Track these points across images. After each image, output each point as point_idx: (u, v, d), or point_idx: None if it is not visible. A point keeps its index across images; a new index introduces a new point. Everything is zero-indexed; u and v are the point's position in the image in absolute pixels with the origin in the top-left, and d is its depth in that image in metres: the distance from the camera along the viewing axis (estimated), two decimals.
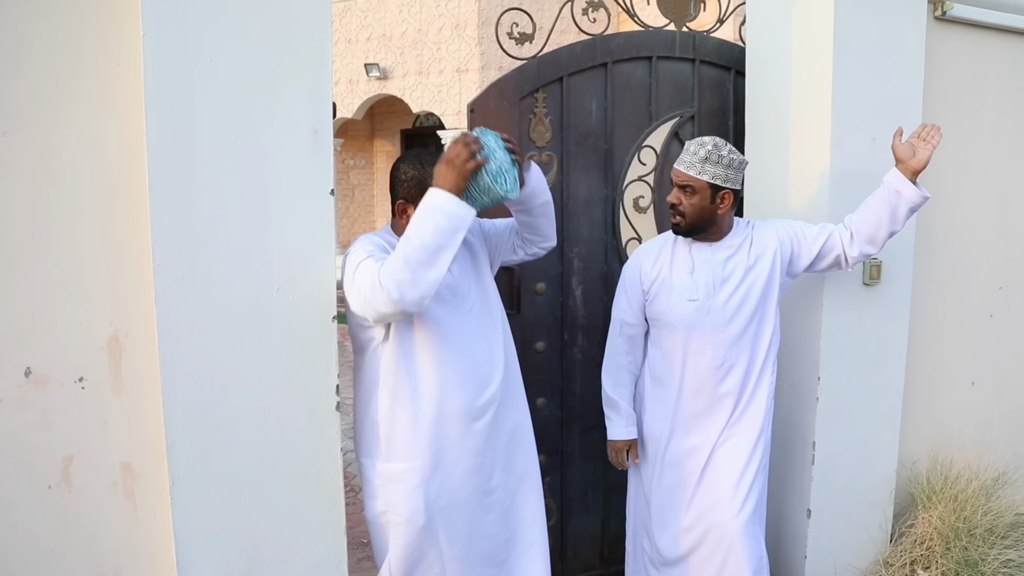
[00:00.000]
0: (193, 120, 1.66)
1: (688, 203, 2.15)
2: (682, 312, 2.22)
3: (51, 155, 1.66)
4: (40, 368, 1.69)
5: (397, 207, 1.95)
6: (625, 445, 2.38)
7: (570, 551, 2.87)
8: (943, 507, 2.56)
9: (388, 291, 1.70)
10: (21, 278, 1.66)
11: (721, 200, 2.16)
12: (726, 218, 2.22)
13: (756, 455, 2.23)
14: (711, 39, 2.82)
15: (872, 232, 2.19)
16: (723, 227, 2.23)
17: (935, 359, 2.81)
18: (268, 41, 1.71)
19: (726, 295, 2.20)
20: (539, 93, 2.64)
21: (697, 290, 2.21)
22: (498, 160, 1.79)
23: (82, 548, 1.76)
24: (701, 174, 2.13)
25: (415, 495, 1.90)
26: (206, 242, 1.70)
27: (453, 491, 1.95)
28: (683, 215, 2.18)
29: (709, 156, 2.12)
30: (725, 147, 2.14)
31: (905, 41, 2.47)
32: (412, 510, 1.91)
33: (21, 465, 1.69)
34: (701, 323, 2.20)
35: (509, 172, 1.81)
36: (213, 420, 1.74)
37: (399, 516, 1.92)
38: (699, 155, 2.13)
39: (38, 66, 1.64)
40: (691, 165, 2.14)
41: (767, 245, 2.23)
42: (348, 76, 12.42)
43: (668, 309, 2.24)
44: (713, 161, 2.12)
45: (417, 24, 11.88)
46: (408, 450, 1.91)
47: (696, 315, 2.20)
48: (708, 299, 2.20)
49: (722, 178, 2.13)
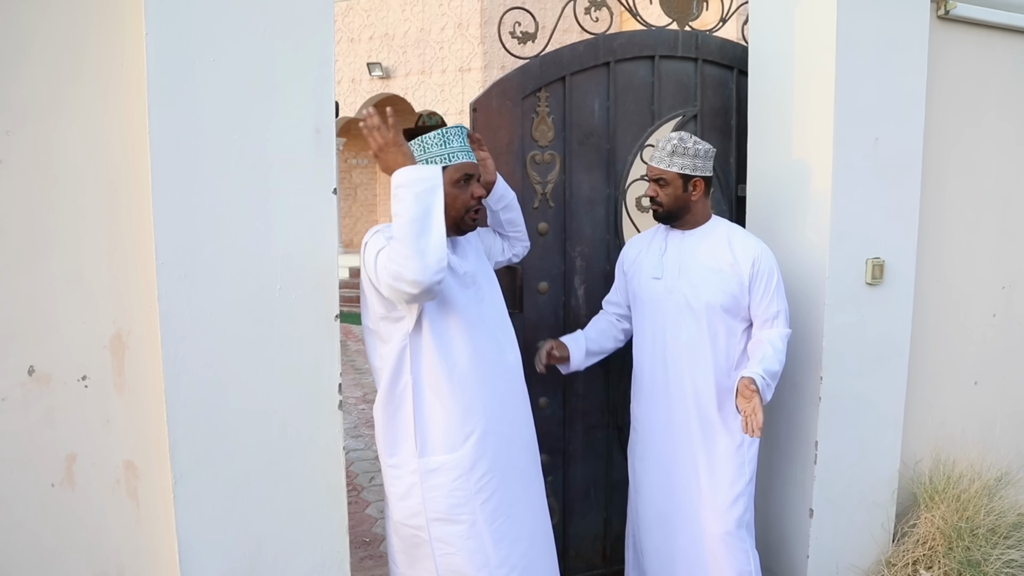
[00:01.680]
0: (196, 119, 1.67)
1: (663, 194, 2.33)
2: (649, 290, 2.39)
3: (54, 154, 1.67)
4: (43, 367, 1.69)
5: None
6: (549, 344, 2.50)
7: (572, 550, 2.87)
8: (946, 507, 2.55)
9: (401, 273, 1.71)
10: (24, 277, 1.66)
11: (693, 188, 2.31)
12: (699, 205, 2.35)
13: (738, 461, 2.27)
14: (714, 38, 2.82)
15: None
16: (698, 215, 2.36)
17: (938, 358, 2.81)
18: (270, 40, 1.72)
19: (691, 278, 2.30)
20: (542, 92, 2.64)
21: (663, 270, 2.36)
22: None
23: (85, 546, 1.76)
24: (671, 166, 2.29)
25: (456, 487, 1.89)
26: (209, 241, 1.70)
27: (495, 482, 1.93)
28: (661, 204, 2.34)
29: (676, 149, 2.28)
30: (690, 139, 2.30)
31: (908, 40, 2.46)
32: (452, 504, 1.88)
33: (24, 463, 1.70)
34: (664, 301, 2.34)
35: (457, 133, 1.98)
36: (215, 419, 1.74)
37: (436, 513, 1.89)
38: (667, 149, 2.29)
39: (41, 65, 1.64)
40: (661, 159, 2.31)
41: (741, 260, 2.26)
42: (351, 75, 12.43)
43: (638, 286, 2.43)
44: (680, 153, 2.28)
45: (420, 23, 11.89)
46: (447, 442, 1.89)
47: (660, 293, 2.35)
48: (673, 280, 2.34)
49: (691, 167, 2.28)
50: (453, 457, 1.88)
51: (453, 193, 1.95)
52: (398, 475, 1.93)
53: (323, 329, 1.83)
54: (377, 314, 1.90)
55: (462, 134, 2.00)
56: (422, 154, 1.96)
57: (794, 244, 2.54)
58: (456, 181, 1.95)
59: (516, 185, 2.61)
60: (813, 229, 2.46)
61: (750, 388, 2.07)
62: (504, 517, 1.93)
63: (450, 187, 1.94)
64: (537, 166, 2.66)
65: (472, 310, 1.96)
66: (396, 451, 1.93)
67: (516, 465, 2.00)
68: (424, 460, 1.89)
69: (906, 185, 2.52)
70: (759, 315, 2.27)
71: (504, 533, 1.93)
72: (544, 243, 2.71)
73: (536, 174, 2.66)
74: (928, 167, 2.63)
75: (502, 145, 2.59)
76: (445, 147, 1.95)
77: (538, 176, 2.67)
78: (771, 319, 2.26)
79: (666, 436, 2.36)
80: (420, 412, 1.90)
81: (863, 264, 2.47)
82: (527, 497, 2.03)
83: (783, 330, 2.26)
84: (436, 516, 1.90)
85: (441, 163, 1.93)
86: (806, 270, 2.49)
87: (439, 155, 1.95)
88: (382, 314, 1.89)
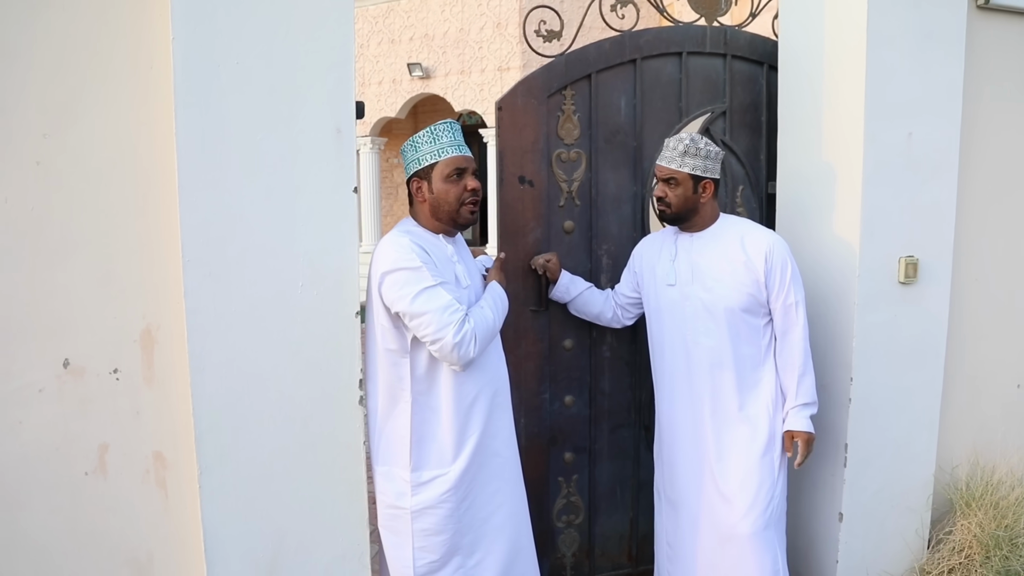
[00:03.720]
0: (220, 120, 1.71)
1: (673, 194, 2.29)
2: (665, 297, 2.37)
3: (88, 155, 1.73)
4: (78, 359, 1.76)
5: (412, 186, 2.05)
6: (545, 258, 2.55)
7: (598, 549, 2.86)
8: (983, 514, 2.47)
9: (449, 355, 1.90)
10: (60, 273, 1.73)
11: (703, 189, 2.28)
12: (708, 207, 2.33)
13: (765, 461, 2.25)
14: (743, 33, 2.78)
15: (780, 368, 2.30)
16: (706, 216, 2.34)
17: (977, 360, 2.72)
18: (292, 43, 1.75)
19: (705, 282, 2.28)
20: (567, 90, 2.64)
21: (676, 276, 2.34)
22: None
23: (117, 533, 1.83)
24: (682, 167, 2.26)
25: (445, 499, 1.98)
26: (233, 239, 1.75)
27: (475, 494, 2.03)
28: (669, 205, 2.31)
29: (687, 150, 2.26)
30: (701, 140, 2.28)
31: (944, 31, 2.39)
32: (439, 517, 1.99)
33: (60, 452, 1.77)
34: (681, 307, 2.32)
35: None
36: (240, 412, 1.79)
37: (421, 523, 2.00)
38: (678, 150, 2.27)
39: (76, 70, 1.71)
40: (672, 160, 2.28)
41: (754, 257, 2.24)
42: (392, 76, 12.55)
43: (652, 293, 2.43)
44: (692, 154, 2.25)
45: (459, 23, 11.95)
46: (440, 458, 1.99)
47: (676, 300, 2.34)
48: (687, 285, 2.31)
49: (701, 168, 2.26)
50: (444, 471, 1.99)
51: (445, 188, 2.01)
52: (390, 479, 2.02)
53: (343, 326, 1.86)
54: (380, 322, 1.98)
55: (452, 129, 2.04)
56: (414, 152, 2.04)
57: (824, 242, 2.49)
58: (447, 176, 2.01)
59: (542, 183, 2.62)
60: (843, 227, 2.41)
61: (809, 444, 2.25)
62: (484, 521, 2.03)
63: (442, 182, 2.00)
64: (563, 164, 2.66)
65: None
66: (388, 461, 2.02)
67: (499, 475, 2.07)
68: (416, 474, 1.98)
69: (942, 181, 2.45)
70: (778, 307, 2.25)
71: (482, 536, 2.03)
72: (570, 241, 2.71)
73: (562, 172, 2.66)
74: (966, 162, 2.55)
75: (527, 143, 2.60)
76: (435, 143, 2.01)
77: (564, 174, 2.67)
78: (791, 308, 2.24)
79: (690, 438, 2.34)
80: (413, 435, 1.98)
81: (896, 262, 2.41)
82: (514, 503, 2.11)
83: (801, 332, 2.24)
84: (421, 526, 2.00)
85: (432, 159, 2.01)
86: (836, 269, 2.44)
87: (429, 152, 2.02)
88: (388, 325, 1.96)
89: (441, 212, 2.02)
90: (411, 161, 2.04)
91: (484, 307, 1.98)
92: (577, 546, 2.83)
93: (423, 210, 2.05)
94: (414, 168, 2.04)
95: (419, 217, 2.08)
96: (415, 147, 2.03)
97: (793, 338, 2.25)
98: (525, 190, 2.62)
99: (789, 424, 2.25)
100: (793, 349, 2.25)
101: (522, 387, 2.66)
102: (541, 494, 2.73)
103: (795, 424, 2.24)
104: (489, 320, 1.96)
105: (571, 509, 2.81)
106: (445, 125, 2.02)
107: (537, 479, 2.71)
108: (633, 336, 2.79)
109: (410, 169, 2.05)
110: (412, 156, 2.03)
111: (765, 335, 2.29)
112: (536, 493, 2.71)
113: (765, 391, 2.28)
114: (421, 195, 2.04)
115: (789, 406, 2.26)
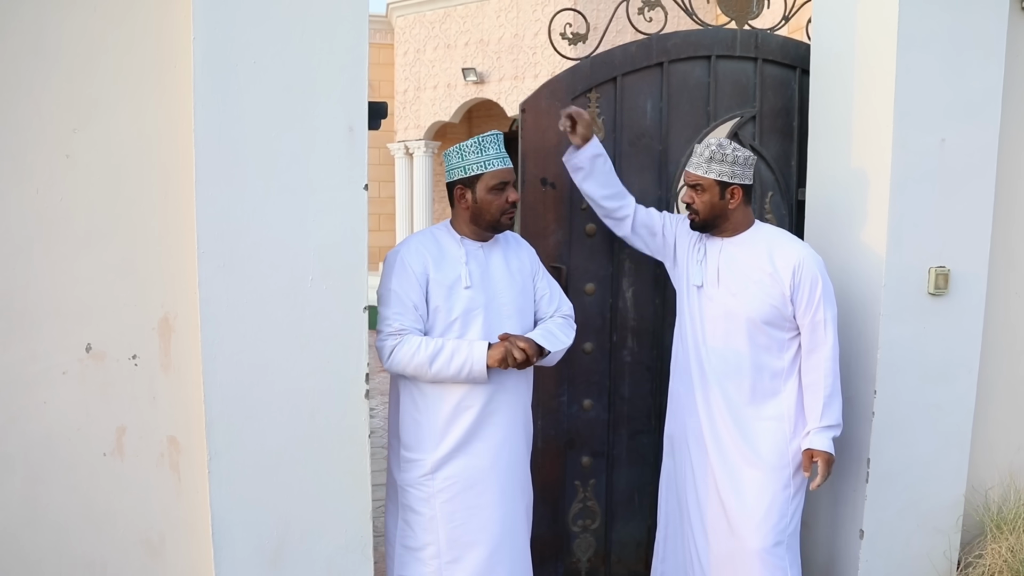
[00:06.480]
0: (237, 118, 1.77)
1: (700, 201, 2.25)
2: (690, 297, 2.35)
3: (113, 150, 1.82)
4: (99, 344, 1.85)
5: (456, 192, 2.13)
6: (583, 113, 2.37)
7: (614, 556, 2.84)
8: (1015, 539, 2.36)
9: (382, 357, 2.07)
10: (85, 261, 1.83)
11: (731, 195, 2.23)
12: (738, 213, 2.27)
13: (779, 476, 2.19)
14: (775, 37, 2.73)
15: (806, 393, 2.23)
16: (737, 222, 2.28)
17: (1015, 377, 2.60)
18: (307, 43, 1.80)
19: (731, 287, 2.24)
20: (592, 93, 2.63)
21: (703, 277, 2.30)
22: None
23: (132, 513, 1.91)
24: (708, 172, 2.22)
25: (421, 482, 2.10)
26: (247, 232, 1.80)
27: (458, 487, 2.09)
28: (697, 212, 2.27)
29: (714, 155, 2.21)
30: (729, 146, 2.22)
31: (983, 35, 2.30)
32: (417, 498, 2.11)
33: (81, 432, 1.86)
34: (704, 309, 2.29)
35: None
36: (249, 401, 1.84)
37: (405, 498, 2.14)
38: (704, 155, 2.23)
39: (105, 68, 1.80)
40: (698, 165, 2.24)
41: (781, 270, 2.18)
42: (447, 80, 12.69)
43: (680, 291, 2.41)
44: (719, 159, 2.20)
45: (514, 29, 12.02)
46: (419, 445, 2.10)
47: (701, 301, 2.30)
48: (713, 287, 2.28)
49: (728, 175, 2.21)
50: (422, 457, 2.09)
51: (489, 199, 2.10)
52: (393, 450, 2.21)
53: (352, 320, 1.90)
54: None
55: (497, 141, 2.11)
56: (460, 160, 2.10)
57: (851, 251, 2.42)
58: (492, 188, 2.09)
59: (564, 185, 2.62)
60: (871, 235, 2.34)
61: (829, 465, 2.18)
62: (462, 521, 2.08)
63: (486, 193, 2.09)
64: None
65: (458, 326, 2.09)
66: (393, 432, 2.20)
67: (485, 479, 2.10)
68: (405, 452, 2.13)
69: (977, 189, 2.36)
70: (805, 324, 2.18)
71: (461, 534, 2.08)
72: (592, 244, 2.70)
73: None
74: (1006, 170, 2.44)
75: (550, 146, 2.61)
76: (481, 155, 2.08)
77: None
78: (819, 326, 2.16)
79: (702, 447, 2.30)
80: (402, 414, 2.15)
81: (925, 273, 2.32)
82: (503, 511, 2.13)
83: (830, 351, 2.17)
84: (404, 501, 2.13)
85: (478, 170, 2.08)
86: (862, 278, 2.37)
87: (476, 163, 2.09)
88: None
89: (482, 220, 2.13)
90: (456, 168, 2.11)
91: (435, 350, 2.01)
92: (592, 551, 2.81)
93: (463, 215, 2.15)
94: (459, 175, 2.11)
95: (457, 220, 2.19)
96: (462, 155, 2.09)
97: (820, 357, 2.17)
98: (547, 192, 2.63)
99: (810, 442, 2.17)
100: (820, 368, 2.17)
101: (539, 389, 2.65)
102: (557, 497, 2.73)
103: (816, 443, 2.16)
104: (419, 359, 2.01)
105: (587, 514, 2.79)
106: (491, 137, 2.10)
107: (553, 482, 2.71)
108: (654, 341, 2.76)
109: (454, 175, 2.12)
110: (458, 163, 2.10)
111: (789, 349, 2.23)
112: (552, 496, 2.71)
113: (784, 405, 2.22)
114: (465, 202, 2.13)
115: (812, 426, 2.18)
